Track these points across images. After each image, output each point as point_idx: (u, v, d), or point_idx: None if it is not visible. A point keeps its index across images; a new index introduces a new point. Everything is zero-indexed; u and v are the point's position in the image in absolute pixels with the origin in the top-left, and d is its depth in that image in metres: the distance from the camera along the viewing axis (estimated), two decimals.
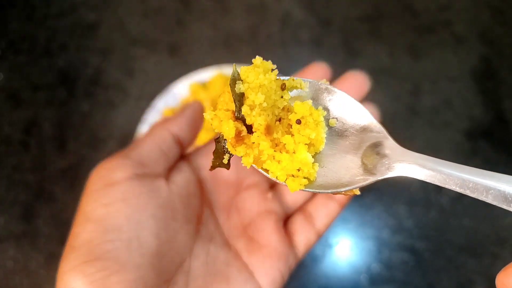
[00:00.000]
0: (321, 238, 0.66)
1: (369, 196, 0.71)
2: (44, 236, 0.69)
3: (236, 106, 0.25)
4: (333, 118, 0.28)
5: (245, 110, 0.24)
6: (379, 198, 0.71)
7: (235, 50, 0.82)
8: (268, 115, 0.25)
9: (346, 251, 0.68)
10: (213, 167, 0.27)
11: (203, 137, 0.68)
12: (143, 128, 0.70)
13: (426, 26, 0.84)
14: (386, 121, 0.85)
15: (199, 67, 0.76)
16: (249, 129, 0.25)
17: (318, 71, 0.39)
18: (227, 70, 0.73)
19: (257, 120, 0.24)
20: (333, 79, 0.46)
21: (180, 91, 0.72)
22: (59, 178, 0.72)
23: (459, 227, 0.69)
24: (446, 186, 0.22)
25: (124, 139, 0.74)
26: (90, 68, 0.80)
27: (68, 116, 0.77)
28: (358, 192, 0.25)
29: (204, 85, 0.73)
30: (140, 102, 0.77)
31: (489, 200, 0.21)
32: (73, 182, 0.72)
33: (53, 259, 0.68)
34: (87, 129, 0.76)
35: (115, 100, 0.78)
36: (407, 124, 0.76)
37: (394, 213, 0.70)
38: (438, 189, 0.71)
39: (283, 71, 0.27)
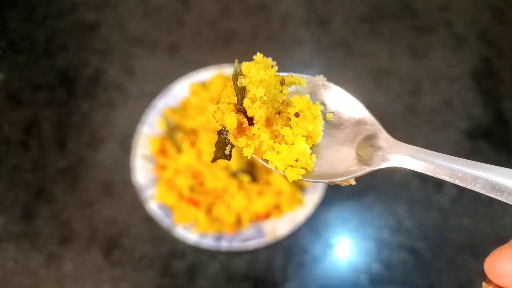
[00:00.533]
0: (321, 238, 0.66)
1: (369, 196, 0.71)
2: (44, 236, 0.69)
3: (238, 99, 0.26)
4: (330, 112, 0.29)
5: (246, 103, 0.26)
6: (379, 198, 0.71)
7: (235, 50, 0.82)
8: (268, 108, 0.26)
9: (346, 251, 0.68)
10: (214, 159, 0.28)
11: (205, 139, 0.68)
12: (143, 128, 0.70)
13: (426, 26, 0.84)
14: (386, 121, 0.85)
15: (199, 67, 0.76)
16: (250, 121, 0.26)
17: None
18: (227, 70, 0.73)
19: (257, 112, 0.26)
20: (333, 81, 0.47)
21: (180, 91, 0.72)
22: (59, 178, 0.72)
23: (459, 227, 0.69)
24: (437, 176, 0.23)
25: (124, 139, 0.74)
26: (90, 68, 0.80)
27: (68, 116, 0.77)
28: (353, 182, 0.26)
29: (204, 85, 0.73)
30: (140, 102, 0.77)
31: (477, 189, 0.22)
32: (73, 182, 0.72)
33: (53, 259, 0.68)
34: (87, 129, 0.76)
35: (115, 100, 0.78)
36: (407, 124, 0.76)
37: (394, 213, 0.70)
38: (438, 189, 0.71)
39: (282, 71, 0.27)
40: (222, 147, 0.27)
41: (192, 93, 0.72)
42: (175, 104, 0.72)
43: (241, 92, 0.26)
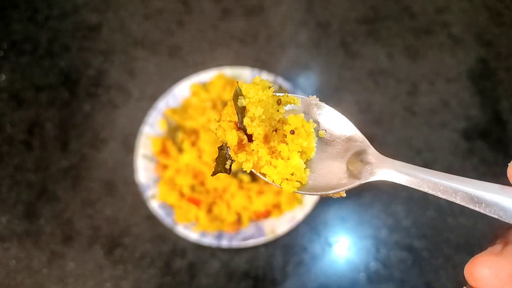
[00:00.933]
0: (321, 237, 0.67)
1: (368, 196, 0.72)
2: (46, 235, 0.70)
3: (238, 118, 0.28)
4: (322, 129, 0.31)
5: (246, 121, 0.28)
6: (377, 198, 0.72)
7: (235, 52, 0.83)
8: (266, 126, 0.28)
9: (345, 249, 0.69)
10: (215, 173, 0.30)
11: (206, 139, 0.69)
12: (145, 128, 0.71)
13: (424, 28, 0.85)
14: (384, 121, 0.86)
15: (199, 68, 0.77)
16: (249, 138, 0.29)
17: None
18: (227, 71, 0.74)
19: (256, 130, 0.28)
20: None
21: (181, 91, 0.73)
22: (61, 177, 0.73)
23: (456, 225, 0.70)
24: (421, 189, 0.25)
25: (126, 139, 0.75)
26: (91, 69, 0.81)
27: (70, 117, 0.77)
28: (344, 194, 0.29)
29: (204, 86, 0.74)
30: (141, 103, 0.78)
31: (458, 200, 0.24)
32: (75, 182, 0.73)
33: (55, 258, 0.68)
34: (89, 129, 0.76)
35: (116, 101, 0.79)
36: (405, 124, 0.77)
37: (392, 213, 0.71)
38: None
39: (282, 72, 0.28)
40: (222, 162, 0.29)
41: (192, 93, 0.73)
42: (176, 104, 0.73)
43: (241, 111, 0.28)
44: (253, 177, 0.68)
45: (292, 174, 0.29)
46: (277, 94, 0.30)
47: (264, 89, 0.28)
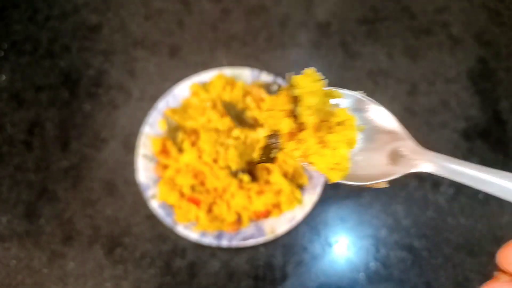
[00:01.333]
0: (321, 237, 0.67)
1: (367, 196, 0.72)
2: (47, 235, 0.70)
3: (292, 107, 0.29)
4: (365, 122, 0.32)
5: (300, 110, 0.29)
6: (377, 198, 0.72)
7: (235, 52, 0.83)
8: (317, 117, 0.29)
9: (345, 249, 0.69)
10: (260, 162, 0.32)
11: (206, 139, 0.69)
12: (145, 128, 0.71)
13: (423, 28, 0.85)
14: None
15: (199, 68, 0.77)
16: (300, 127, 0.30)
17: None
18: (227, 71, 0.74)
19: (309, 119, 0.29)
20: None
21: (181, 91, 0.73)
22: (61, 177, 0.73)
23: (456, 226, 0.70)
24: (458, 181, 0.27)
25: (126, 139, 0.75)
26: (92, 69, 0.81)
27: (70, 117, 0.78)
28: (384, 185, 0.30)
29: (204, 86, 0.74)
30: (141, 103, 0.78)
31: (494, 192, 0.25)
32: (76, 182, 0.73)
33: (55, 257, 0.68)
34: (90, 129, 0.77)
35: (117, 101, 0.79)
36: (405, 124, 0.77)
37: (392, 213, 0.71)
38: (436, 189, 0.72)
39: (282, 72, 0.29)
40: (267, 152, 0.31)
41: (192, 93, 0.73)
42: (176, 104, 0.73)
43: (295, 101, 0.29)
44: (253, 177, 0.68)
45: (336, 164, 0.30)
46: (325, 88, 0.31)
47: (315, 81, 0.29)
